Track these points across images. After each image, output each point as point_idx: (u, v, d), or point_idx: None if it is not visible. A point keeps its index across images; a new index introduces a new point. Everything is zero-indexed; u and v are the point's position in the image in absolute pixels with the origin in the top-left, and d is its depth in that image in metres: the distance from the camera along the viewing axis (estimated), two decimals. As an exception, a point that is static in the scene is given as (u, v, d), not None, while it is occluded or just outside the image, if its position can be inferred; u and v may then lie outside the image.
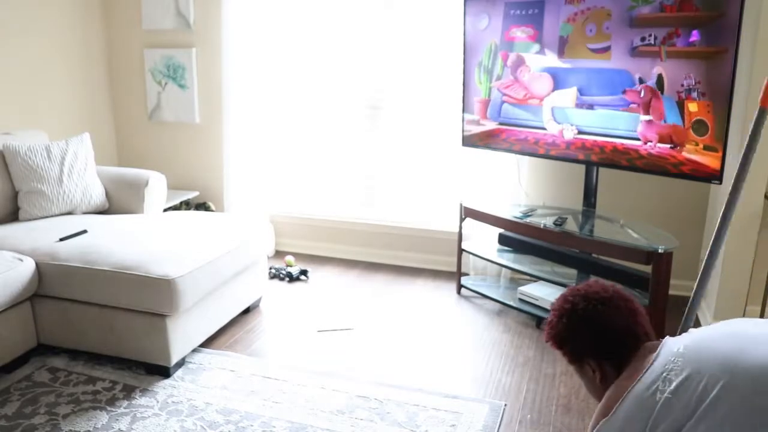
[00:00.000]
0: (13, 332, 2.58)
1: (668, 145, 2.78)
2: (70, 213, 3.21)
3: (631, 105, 2.85)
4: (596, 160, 3.01)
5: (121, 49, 4.25)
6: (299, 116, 4.12)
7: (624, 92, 2.86)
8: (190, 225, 3.01)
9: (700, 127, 2.69)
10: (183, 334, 2.62)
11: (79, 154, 3.26)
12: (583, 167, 3.21)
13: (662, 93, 2.75)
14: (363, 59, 3.88)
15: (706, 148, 2.67)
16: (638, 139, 2.86)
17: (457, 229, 3.54)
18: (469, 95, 3.43)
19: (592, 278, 2.05)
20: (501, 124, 3.32)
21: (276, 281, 3.74)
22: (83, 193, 3.23)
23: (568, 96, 3.03)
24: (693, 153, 2.72)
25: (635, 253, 2.73)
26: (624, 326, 1.48)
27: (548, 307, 3.13)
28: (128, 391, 2.49)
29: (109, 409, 2.37)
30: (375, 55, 3.86)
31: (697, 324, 3.18)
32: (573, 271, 3.20)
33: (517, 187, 3.56)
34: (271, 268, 3.81)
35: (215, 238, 2.83)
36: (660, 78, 2.76)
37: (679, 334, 1.56)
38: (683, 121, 2.72)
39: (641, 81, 2.81)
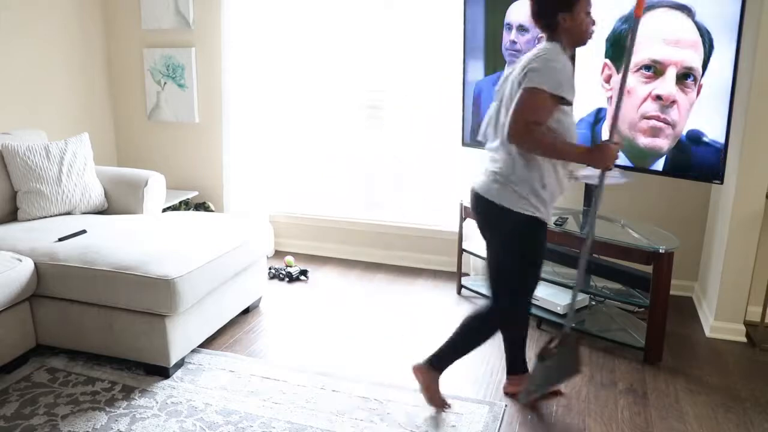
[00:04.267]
0: (11, 333, 2.57)
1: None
2: (69, 213, 3.20)
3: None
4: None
5: (121, 49, 4.24)
6: (299, 116, 4.11)
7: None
8: (189, 225, 3.00)
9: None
10: (182, 335, 2.61)
11: (78, 154, 3.25)
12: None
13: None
14: (363, 59, 3.88)
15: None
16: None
17: (458, 230, 3.54)
18: (470, 95, 3.42)
19: None
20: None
21: (276, 281, 3.73)
22: (82, 193, 3.22)
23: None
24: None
25: (636, 253, 2.72)
26: None
27: (549, 307, 3.13)
28: (127, 392, 2.48)
29: (108, 409, 2.36)
30: (375, 55, 3.85)
31: (698, 325, 3.17)
32: (573, 272, 3.18)
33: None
34: (270, 268, 3.80)
35: (215, 238, 2.83)
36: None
37: None
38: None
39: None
